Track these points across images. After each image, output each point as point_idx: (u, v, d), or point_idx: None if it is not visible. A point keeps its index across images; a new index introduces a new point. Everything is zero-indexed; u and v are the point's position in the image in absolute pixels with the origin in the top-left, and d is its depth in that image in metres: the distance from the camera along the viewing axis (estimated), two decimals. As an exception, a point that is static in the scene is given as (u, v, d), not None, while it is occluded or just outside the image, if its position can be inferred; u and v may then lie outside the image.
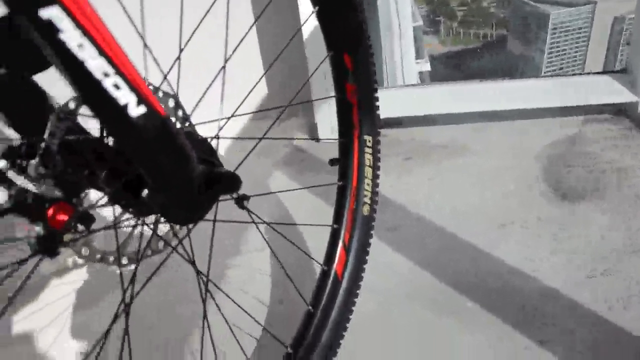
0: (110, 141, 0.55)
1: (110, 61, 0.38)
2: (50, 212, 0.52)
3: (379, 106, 0.90)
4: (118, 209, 0.58)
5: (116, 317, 0.61)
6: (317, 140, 1.70)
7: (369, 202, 0.91)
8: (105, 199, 0.56)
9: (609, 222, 1.20)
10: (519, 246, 1.17)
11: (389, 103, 1.55)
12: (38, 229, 0.51)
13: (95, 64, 0.38)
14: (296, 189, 1.35)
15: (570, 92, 1.66)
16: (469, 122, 1.72)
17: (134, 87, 0.40)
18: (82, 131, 0.55)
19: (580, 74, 1.77)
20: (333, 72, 0.86)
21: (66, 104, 0.55)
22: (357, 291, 0.91)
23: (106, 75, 0.38)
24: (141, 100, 0.40)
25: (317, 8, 0.80)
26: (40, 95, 0.54)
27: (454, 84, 1.73)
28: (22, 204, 0.51)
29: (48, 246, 0.52)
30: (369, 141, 0.90)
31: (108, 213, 0.60)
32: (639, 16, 1.51)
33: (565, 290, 1.04)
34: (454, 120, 1.73)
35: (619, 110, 1.68)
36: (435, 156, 1.58)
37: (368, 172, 0.90)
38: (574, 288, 1.03)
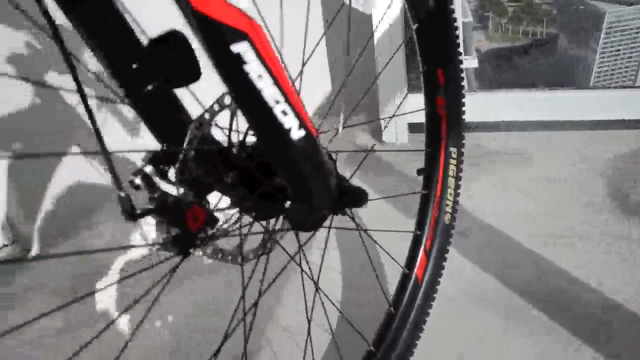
0: (236, 151, 0.61)
1: (281, 90, 0.43)
2: (188, 214, 0.57)
3: (465, 119, 0.94)
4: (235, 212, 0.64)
5: (234, 312, 0.67)
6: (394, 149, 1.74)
7: (450, 211, 0.95)
8: (230, 203, 0.62)
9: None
10: (584, 259, 1.18)
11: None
12: (175, 230, 0.57)
13: (270, 93, 0.43)
14: (383, 198, 1.38)
15: (637, 105, 1.65)
16: (533, 129, 1.73)
17: (297, 113, 0.45)
18: (214, 142, 0.61)
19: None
20: (425, 86, 0.89)
21: (202, 116, 0.61)
22: (435, 295, 0.95)
23: (277, 102, 0.43)
24: (302, 124, 0.45)
25: (416, 26, 0.83)
26: (180, 108, 0.60)
27: (519, 92, 1.73)
28: (164, 207, 0.57)
29: (185, 246, 0.58)
30: (454, 153, 0.93)
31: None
32: None
33: (630, 305, 1.05)
34: (518, 127, 1.74)
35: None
36: (500, 164, 1.59)
37: (451, 182, 0.94)
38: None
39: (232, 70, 0.41)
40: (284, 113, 0.44)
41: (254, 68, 0.41)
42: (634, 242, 1.21)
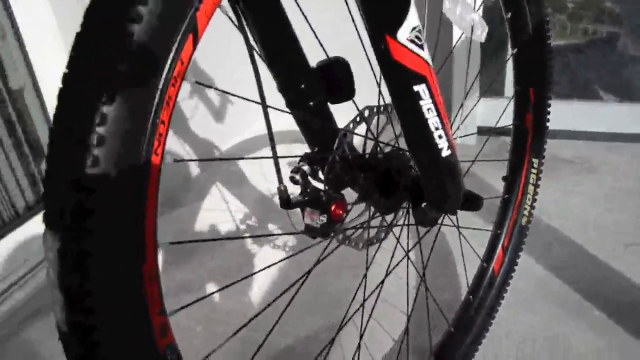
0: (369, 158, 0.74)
1: (441, 120, 0.56)
2: (333, 207, 0.71)
3: (548, 134, 1.05)
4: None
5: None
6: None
7: (527, 214, 1.07)
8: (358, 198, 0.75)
9: None
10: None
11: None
12: (323, 218, 0.71)
13: (433, 121, 0.56)
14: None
15: None
16: (595, 139, 1.81)
17: (448, 138, 0.58)
18: (354, 149, 0.75)
19: None
20: (516, 103, 1.01)
21: (347, 126, 0.74)
22: (507, 287, 1.07)
23: (437, 129, 0.57)
24: (450, 146, 0.59)
25: (515, 50, 0.95)
26: (331, 119, 0.73)
27: (577, 102, 1.81)
28: (316, 199, 0.70)
29: (328, 232, 0.71)
30: (536, 163, 1.04)
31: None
32: None
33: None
34: (580, 136, 1.82)
35: None
36: (562, 171, 1.69)
37: (530, 189, 1.06)
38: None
39: (410, 103, 0.54)
40: (440, 137, 0.57)
41: (426, 103, 0.54)
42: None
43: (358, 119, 0.74)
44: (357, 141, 0.76)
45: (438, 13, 0.76)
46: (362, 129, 0.74)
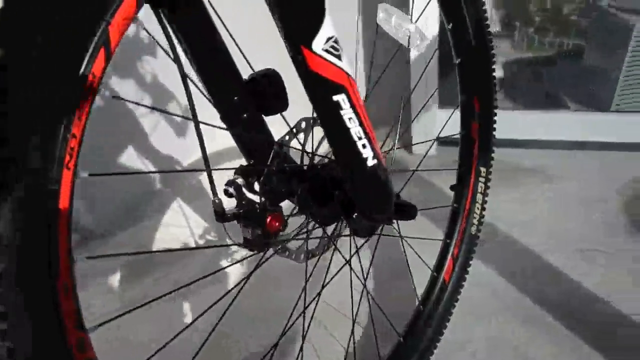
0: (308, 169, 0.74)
1: (364, 129, 0.56)
2: (269, 219, 0.70)
3: (494, 142, 1.06)
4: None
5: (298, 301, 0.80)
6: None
7: (476, 223, 1.07)
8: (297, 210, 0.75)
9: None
10: (598, 273, 1.30)
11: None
12: (258, 231, 0.70)
13: (355, 131, 0.56)
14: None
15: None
16: (555, 148, 1.84)
17: (373, 147, 0.58)
18: (292, 161, 0.74)
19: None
20: (462, 112, 1.02)
21: (282, 138, 0.74)
22: (459, 296, 1.07)
23: (360, 138, 0.57)
24: (375, 155, 0.58)
25: (459, 60, 0.96)
26: (266, 131, 0.73)
27: (543, 112, 1.85)
28: (252, 212, 0.70)
29: (264, 245, 0.71)
30: (484, 172, 1.05)
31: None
32: None
33: (635, 316, 1.16)
34: (541, 145, 1.85)
35: None
36: (523, 179, 1.71)
37: (479, 198, 1.06)
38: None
39: (330, 113, 0.54)
40: (364, 146, 0.57)
41: (347, 113, 0.54)
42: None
43: (294, 130, 0.73)
44: (295, 153, 0.75)
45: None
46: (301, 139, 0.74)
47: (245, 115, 0.68)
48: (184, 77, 0.60)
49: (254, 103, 0.68)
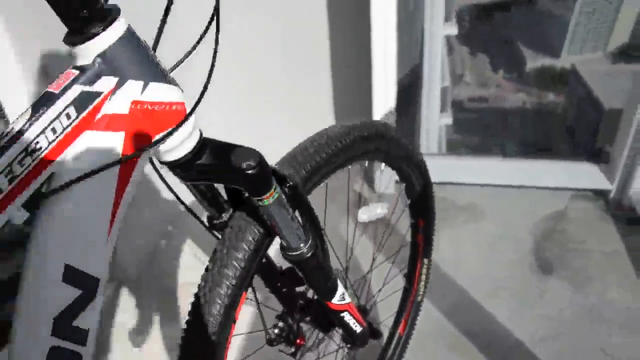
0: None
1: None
2: (298, 341, 1.16)
3: (433, 242, 1.53)
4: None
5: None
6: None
7: (422, 294, 1.56)
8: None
9: (571, 295, 1.85)
10: (507, 307, 1.83)
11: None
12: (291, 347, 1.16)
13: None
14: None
15: (561, 175, 2.27)
16: (489, 186, 2.33)
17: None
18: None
19: (574, 159, 2.35)
20: (411, 228, 1.47)
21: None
22: (409, 343, 1.58)
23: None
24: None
25: (409, 201, 1.40)
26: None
27: (474, 159, 2.33)
28: (290, 339, 1.15)
29: (295, 354, 1.17)
30: (427, 262, 1.53)
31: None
32: (627, 112, 2.04)
33: (530, 345, 1.71)
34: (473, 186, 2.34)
35: (600, 192, 2.28)
36: (456, 218, 2.20)
37: (423, 277, 1.55)
38: (537, 344, 1.70)
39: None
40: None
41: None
42: (545, 294, 1.85)
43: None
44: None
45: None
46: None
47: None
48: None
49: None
